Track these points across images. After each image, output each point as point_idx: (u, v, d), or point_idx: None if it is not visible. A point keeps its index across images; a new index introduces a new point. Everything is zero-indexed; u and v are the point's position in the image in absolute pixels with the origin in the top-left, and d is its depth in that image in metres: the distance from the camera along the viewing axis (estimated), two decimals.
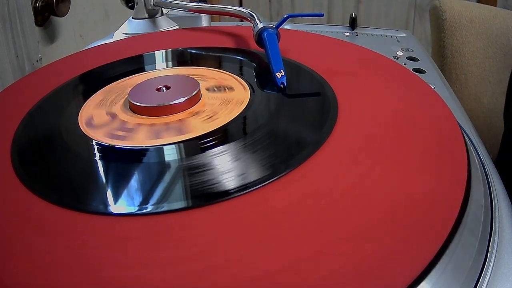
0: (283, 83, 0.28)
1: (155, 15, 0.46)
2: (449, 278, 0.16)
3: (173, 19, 0.48)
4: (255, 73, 0.31)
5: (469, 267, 0.17)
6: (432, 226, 0.17)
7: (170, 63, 0.35)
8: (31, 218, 0.19)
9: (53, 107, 0.29)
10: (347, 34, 0.51)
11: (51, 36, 0.62)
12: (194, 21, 0.49)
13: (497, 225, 0.20)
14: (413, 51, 0.45)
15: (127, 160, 0.23)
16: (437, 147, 0.22)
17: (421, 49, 0.46)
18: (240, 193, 0.19)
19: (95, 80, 0.32)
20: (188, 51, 0.36)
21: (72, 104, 0.29)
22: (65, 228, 0.19)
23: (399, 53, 0.45)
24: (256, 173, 0.21)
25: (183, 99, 0.26)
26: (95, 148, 0.24)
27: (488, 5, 0.69)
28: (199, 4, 0.43)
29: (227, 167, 0.21)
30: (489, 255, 0.19)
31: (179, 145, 0.23)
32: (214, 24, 0.52)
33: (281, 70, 0.29)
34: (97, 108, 0.28)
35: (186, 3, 0.43)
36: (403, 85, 0.28)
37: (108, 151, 0.24)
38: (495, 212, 0.21)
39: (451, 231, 0.17)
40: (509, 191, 0.23)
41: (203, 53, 0.36)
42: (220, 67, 0.32)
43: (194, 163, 0.22)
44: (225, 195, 0.19)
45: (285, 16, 0.34)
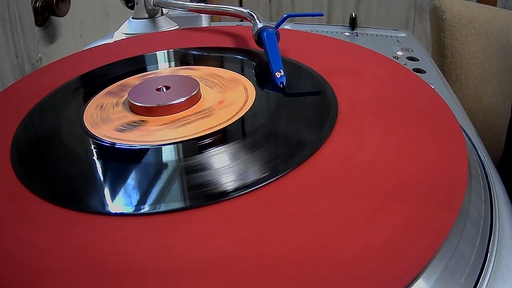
0: (282, 83, 0.28)
1: (155, 15, 0.46)
2: (449, 278, 0.16)
3: (173, 19, 0.48)
4: (255, 72, 0.31)
5: (469, 267, 0.17)
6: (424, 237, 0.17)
7: (170, 63, 0.35)
8: (31, 218, 0.19)
9: (53, 108, 0.29)
10: (347, 34, 0.51)
11: (51, 36, 0.62)
12: (194, 21, 0.49)
13: (497, 225, 0.20)
14: (413, 51, 0.45)
15: (126, 160, 0.23)
16: (437, 147, 0.22)
17: (421, 49, 0.46)
18: (239, 193, 0.19)
19: (95, 80, 0.32)
20: (188, 51, 0.36)
21: (72, 104, 0.29)
22: (65, 228, 0.19)
23: (399, 53, 0.45)
24: (255, 173, 0.21)
25: (183, 99, 0.26)
26: (94, 148, 0.24)
27: (488, 5, 0.69)
28: (199, 4, 0.43)
29: (226, 167, 0.21)
30: (489, 255, 0.19)
31: (177, 145, 0.23)
32: (214, 24, 0.52)
33: (281, 70, 0.29)
34: (97, 108, 0.28)
35: (186, 3, 0.43)
36: (403, 85, 0.28)
37: (107, 151, 0.24)
38: (495, 212, 0.21)
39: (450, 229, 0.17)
40: (509, 191, 0.23)
41: (203, 53, 0.36)
42: (220, 67, 0.32)
43: (193, 163, 0.22)
44: (223, 195, 0.19)
45: (284, 16, 0.34)
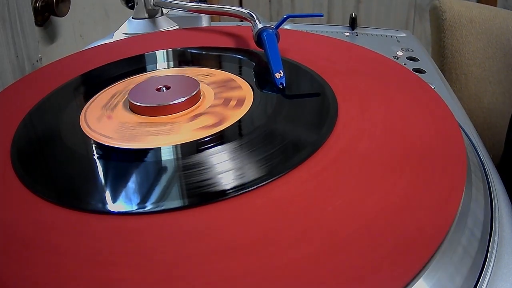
0: (282, 83, 0.28)
1: (155, 15, 0.46)
2: (449, 278, 0.16)
3: (173, 19, 0.48)
4: (254, 73, 0.31)
5: (469, 267, 0.17)
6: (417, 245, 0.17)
7: (170, 63, 0.35)
8: (31, 218, 0.19)
9: (53, 107, 0.29)
10: (347, 34, 0.51)
11: (51, 36, 0.62)
12: (194, 21, 0.49)
13: (497, 225, 0.20)
14: (413, 51, 0.45)
15: (126, 160, 0.23)
16: (437, 147, 0.22)
17: (421, 49, 0.46)
18: (238, 193, 0.19)
19: (95, 80, 0.32)
20: (188, 51, 0.36)
21: (72, 104, 0.29)
22: (65, 227, 0.19)
23: (399, 53, 0.45)
24: (254, 173, 0.21)
25: (183, 99, 0.26)
26: (94, 148, 0.24)
27: (488, 5, 0.69)
28: (199, 4, 0.43)
29: (225, 167, 0.21)
30: (489, 255, 0.19)
31: (176, 145, 0.23)
32: (214, 24, 0.52)
33: (280, 70, 0.29)
34: (97, 108, 0.28)
35: (186, 3, 0.43)
36: (403, 85, 0.28)
37: (107, 151, 0.24)
38: (495, 212, 0.21)
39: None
40: (509, 191, 0.23)
41: (203, 53, 0.36)
42: (220, 67, 0.32)
43: (192, 163, 0.22)
44: (222, 195, 0.19)
45: (284, 16, 0.34)
